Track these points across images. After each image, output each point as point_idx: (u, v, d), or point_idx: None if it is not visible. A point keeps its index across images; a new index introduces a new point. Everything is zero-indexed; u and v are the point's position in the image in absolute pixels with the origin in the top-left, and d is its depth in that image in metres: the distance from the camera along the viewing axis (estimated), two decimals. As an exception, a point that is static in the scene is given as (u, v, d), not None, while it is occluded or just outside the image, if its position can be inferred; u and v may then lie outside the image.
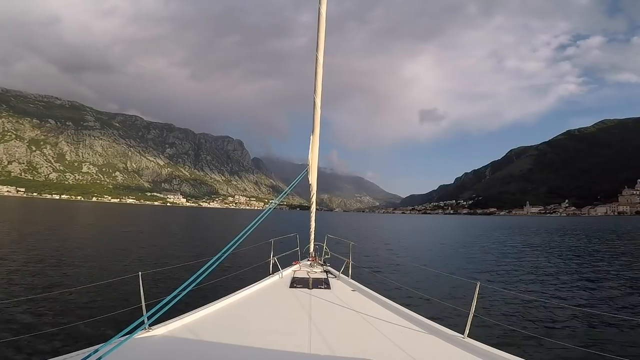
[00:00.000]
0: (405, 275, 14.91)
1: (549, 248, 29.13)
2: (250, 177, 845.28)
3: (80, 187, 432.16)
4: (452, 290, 12.00)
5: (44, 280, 11.61)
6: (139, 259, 17.09)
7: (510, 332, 7.50)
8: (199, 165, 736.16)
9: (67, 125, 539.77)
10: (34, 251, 17.31)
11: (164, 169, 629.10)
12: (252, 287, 5.27)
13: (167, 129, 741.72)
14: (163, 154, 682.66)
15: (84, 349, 2.81)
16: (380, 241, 33.72)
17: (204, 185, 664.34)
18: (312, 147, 6.77)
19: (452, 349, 3.31)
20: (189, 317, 3.90)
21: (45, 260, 14.92)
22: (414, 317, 4.11)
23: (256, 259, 8.17)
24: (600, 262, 20.40)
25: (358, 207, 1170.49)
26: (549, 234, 47.73)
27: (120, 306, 6.85)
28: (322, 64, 6.26)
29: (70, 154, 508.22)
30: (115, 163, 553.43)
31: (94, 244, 22.68)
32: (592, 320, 9.03)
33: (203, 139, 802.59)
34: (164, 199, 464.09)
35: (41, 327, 7.01)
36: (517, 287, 13.42)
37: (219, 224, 58.22)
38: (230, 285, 6.37)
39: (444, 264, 19.75)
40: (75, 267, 14.16)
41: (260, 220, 4.98)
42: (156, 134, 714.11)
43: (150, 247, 22.25)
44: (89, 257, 16.71)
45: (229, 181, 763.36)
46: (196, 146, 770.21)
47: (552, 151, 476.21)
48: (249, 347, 3.22)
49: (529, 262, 20.47)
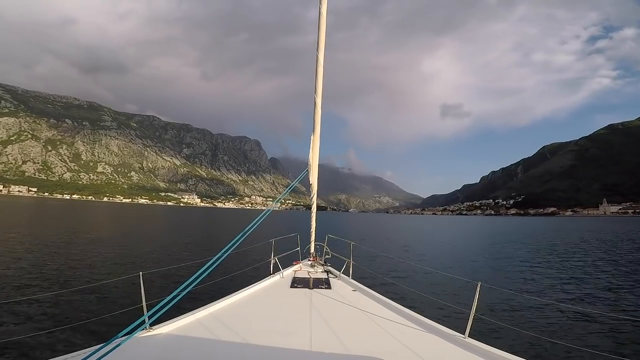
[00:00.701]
0: (406, 275, 14.74)
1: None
2: (267, 177, 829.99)
3: (94, 187, 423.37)
4: (453, 290, 11.98)
5: (43, 280, 11.45)
6: (141, 259, 17.00)
7: (511, 332, 7.44)
8: (216, 165, 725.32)
9: (84, 125, 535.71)
10: (35, 251, 17.35)
11: (181, 168, 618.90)
12: (252, 287, 5.26)
13: (185, 129, 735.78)
14: (180, 154, 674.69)
15: (85, 349, 2.80)
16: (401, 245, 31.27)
17: (220, 185, 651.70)
18: (312, 147, 6.78)
19: (453, 349, 3.30)
20: (189, 317, 3.89)
21: (45, 261, 14.86)
22: (415, 317, 4.09)
23: (257, 259, 8.45)
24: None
25: (377, 207, 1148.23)
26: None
27: (121, 306, 7.09)
28: (323, 64, 6.26)
29: (86, 153, 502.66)
30: (131, 163, 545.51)
31: (96, 243, 22.06)
32: (592, 320, 9.08)
33: (220, 139, 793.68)
34: (178, 199, 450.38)
35: (42, 327, 6.99)
36: (519, 287, 13.38)
37: (227, 224, 55.58)
38: (231, 285, 6.41)
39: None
40: (76, 267, 14.04)
41: (260, 220, 4.97)
42: (173, 134, 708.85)
43: (152, 247, 21.94)
44: (91, 256, 16.72)
45: (245, 181, 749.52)
46: (213, 146, 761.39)
47: (594, 146, 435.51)
48: (250, 347, 3.21)
49: (531, 263, 20.17)
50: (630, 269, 18.38)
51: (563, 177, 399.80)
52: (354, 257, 6.30)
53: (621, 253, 25.72)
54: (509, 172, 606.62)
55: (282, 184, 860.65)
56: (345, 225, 71.46)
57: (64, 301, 9.11)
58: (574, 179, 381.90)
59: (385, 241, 34.16)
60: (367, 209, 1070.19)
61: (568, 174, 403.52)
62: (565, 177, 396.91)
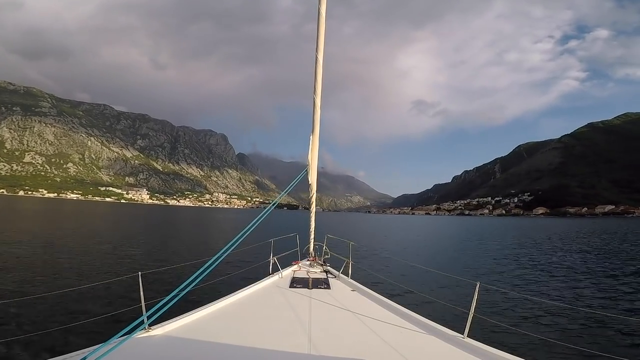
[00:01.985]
0: (405, 275, 14.53)
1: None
2: (233, 173, 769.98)
3: (14, 179, 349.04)
4: (452, 290, 11.96)
5: (43, 280, 11.34)
6: (139, 259, 16.69)
7: (510, 332, 7.46)
8: (175, 158, 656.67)
9: (14, 111, 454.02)
10: (35, 251, 17.02)
11: (132, 161, 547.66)
12: (251, 287, 5.24)
13: (141, 120, 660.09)
14: (133, 145, 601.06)
15: (84, 349, 2.78)
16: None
17: (179, 180, 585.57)
18: (312, 147, 6.74)
19: (452, 349, 3.28)
20: (188, 317, 3.86)
21: (46, 260, 14.74)
22: (414, 317, 4.06)
23: (256, 259, 8.55)
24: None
25: (348, 206, 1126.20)
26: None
27: (119, 306, 7.09)
28: (322, 65, 6.22)
29: (11, 141, 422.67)
30: (69, 153, 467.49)
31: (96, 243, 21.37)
32: (592, 320, 9.08)
33: (182, 131, 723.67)
34: (120, 195, 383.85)
35: (40, 327, 6.88)
36: (518, 286, 13.27)
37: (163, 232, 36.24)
38: (230, 285, 6.38)
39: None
40: (75, 267, 13.85)
41: (260, 220, 4.99)
42: (127, 124, 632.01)
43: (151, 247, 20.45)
44: (91, 256, 16.38)
45: (208, 176, 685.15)
46: (173, 139, 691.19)
47: (579, 144, 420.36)
48: (249, 347, 3.20)
49: (530, 261, 20.04)
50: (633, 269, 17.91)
51: (557, 175, 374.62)
52: (353, 257, 6.28)
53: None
54: (486, 171, 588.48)
55: (250, 180, 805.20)
56: (344, 226, 64.10)
57: (63, 301, 8.92)
58: (567, 176, 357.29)
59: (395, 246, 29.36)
60: (339, 208, 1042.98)
61: (560, 171, 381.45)
62: (559, 175, 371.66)
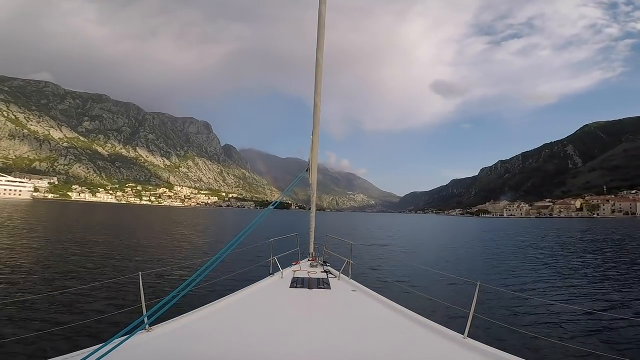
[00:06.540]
0: (405, 275, 14.42)
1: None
2: (213, 166, 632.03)
3: None
4: (453, 290, 11.97)
5: (42, 280, 11.26)
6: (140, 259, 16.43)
7: (510, 332, 7.39)
8: (134, 144, 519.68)
9: None
10: (34, 251, 16.71)
11: (61, 143, 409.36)
12: (252, 287, 5.24)
13: (96, 100, 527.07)
14: (76, 127, 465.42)
15: (84, 349, 2.78)
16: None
17: (125, 168, 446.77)
18: (312, 147, 6.69)
19: (452, 349, 3.27)
20: (188, 317, 3.86)
21: (45, 261, 14.56)
22: (414, 317, 4.05)
23: (256, 259, 8.52)
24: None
25: (351, 206, 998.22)
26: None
27: (119, 306, 7.16)
28: (322, 65, 6.11)
29: None
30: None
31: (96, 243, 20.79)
32: (592, 320, 9.08)
33: (153, 116, 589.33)
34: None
35: (40, 327, 6.86)
36: (518, 286, 13.19)
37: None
38: (230, 285, 6.36)
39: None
40: (75, 266, 13.63)
41: (260, 220, 4.98)
42: (74, 104, 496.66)
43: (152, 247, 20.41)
44: (91, 256, 16.19)
45: (176, 167, 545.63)
46: (137, 123, 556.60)
47: None
48: (249, 347, 3.19)
49: (531, 261, 19.62)
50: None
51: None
52: (353, 257, 6.27)
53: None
54: (547, 155, 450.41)
55: (235, 175, 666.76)
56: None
57: (62, 301, 8.84)
58: None
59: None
60: (341, 208, 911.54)
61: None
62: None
